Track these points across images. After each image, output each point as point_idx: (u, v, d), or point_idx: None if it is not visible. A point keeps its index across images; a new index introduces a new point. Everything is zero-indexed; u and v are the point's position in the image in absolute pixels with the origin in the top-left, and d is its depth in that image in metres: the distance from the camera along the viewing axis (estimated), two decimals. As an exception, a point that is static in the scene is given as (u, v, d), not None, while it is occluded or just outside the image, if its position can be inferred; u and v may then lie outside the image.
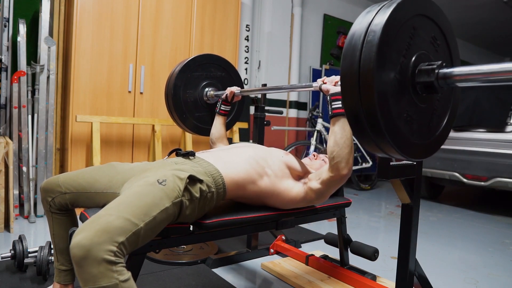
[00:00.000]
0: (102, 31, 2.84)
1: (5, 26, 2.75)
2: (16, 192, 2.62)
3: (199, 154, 1.36)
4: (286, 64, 4.71)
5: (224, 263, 1.98)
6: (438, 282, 1.90)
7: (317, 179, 1.32)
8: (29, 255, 1.72)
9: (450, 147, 3.60)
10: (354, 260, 1.94)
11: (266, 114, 2.10)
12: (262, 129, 2.09)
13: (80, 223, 1.09)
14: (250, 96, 2.17)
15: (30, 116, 2.70)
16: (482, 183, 3.42)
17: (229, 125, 2.01)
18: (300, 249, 2.19)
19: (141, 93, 3.05)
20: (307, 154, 4.35)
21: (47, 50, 2.73)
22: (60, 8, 3.05)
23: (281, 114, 2.85)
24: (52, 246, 1.44)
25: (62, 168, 3.10)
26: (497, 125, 3.40)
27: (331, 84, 1.29)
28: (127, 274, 0.89)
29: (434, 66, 0.83)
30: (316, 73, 4.98)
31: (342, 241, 1.84)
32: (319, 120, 4.40)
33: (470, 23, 6.49)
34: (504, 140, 3.30)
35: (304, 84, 1.52)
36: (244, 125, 3.55)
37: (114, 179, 1.25)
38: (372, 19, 0.81)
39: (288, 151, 1.58)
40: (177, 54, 3.20)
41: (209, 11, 3.38)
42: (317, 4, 5.04)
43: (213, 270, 1.89)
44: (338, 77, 1.27)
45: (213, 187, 1.21)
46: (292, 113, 4.81)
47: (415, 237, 1.21)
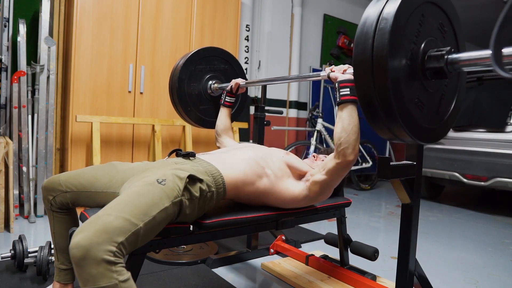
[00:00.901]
0: (102, 31, 2.84)
1: (5, 26, 2.75)
2: (16, 192, 2.62)
3: (200, 156, 1.36)
4: (286, 64, 4.71)
5: (224, 263, 1.98)
6: (438, 282, 1.90)
7: (322, 171, 1.32)
8: (29, 255, 1.72)
9: (450, 147, 3.58)
10: (354, 260, 1.94)
11: (266, 114, 2.10)
12: (262, 129, 2.09)
13: (81, 223, 1.09)
14: (250, 96, 2.17)
15: (30, 116, 2.70)
16: (482, 183, 3.41)
17: (234, 117, 2.01)
18: (300, 249, 2.18)
19: (141, 93, 3.05)
20: (307, 154, 4.35)
21: (47, 50, 2.73)
22: (60, 8, 3.05)
23: (281, 114, 2.85)
24: (53, 245, 1.44)
25: (62, 168, 3.10)
26: (497, 125, 3.39)
27: (340, 72, 1.31)
28: (127, 274, 0.90)
29: (444, 52, 0.85)
30: (316, 73, 4.97)
31: (342, 241, 1.84)
32: (319, 120, 4.39)
33: (470, 23, 6.49)
34: (504, 140, 3.30)
35: (312, 74, 1.55)
36: (244, 125, 3.55)
37: (114, 179, 1.26)
38: (383, 7, 0.83)
39: (288, 151, 1.58)
40: (177, 54, 3.20)
41: (209, 11, 3.38)
42: (317, 4, 5.04)
43: (213, 270, 1.89)
44: (347, 66, 1.31)
45: (213, 187, 1.21)
46: (292, 113, 4.81)
47: (415, 237, 1.21)
